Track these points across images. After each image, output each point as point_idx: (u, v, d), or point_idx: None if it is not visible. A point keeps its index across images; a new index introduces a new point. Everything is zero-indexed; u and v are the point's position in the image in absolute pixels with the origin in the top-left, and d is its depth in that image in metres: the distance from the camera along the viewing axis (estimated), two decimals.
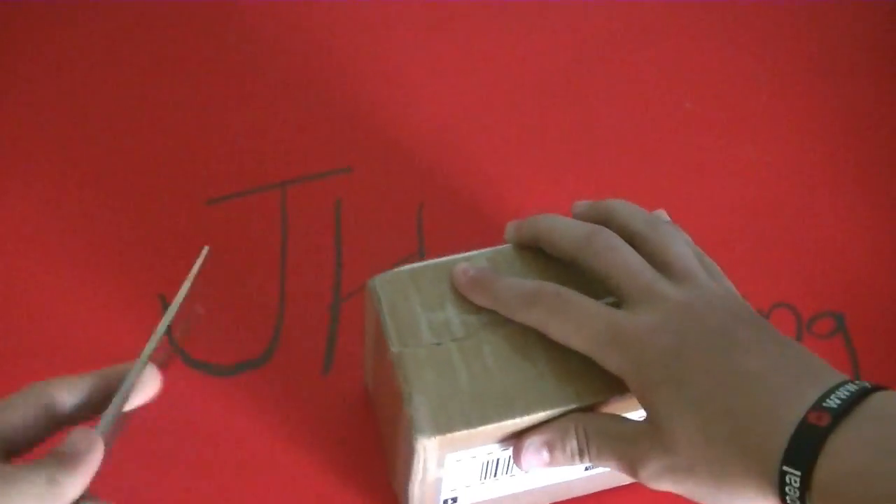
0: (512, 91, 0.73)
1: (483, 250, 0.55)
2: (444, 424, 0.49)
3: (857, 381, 0.45)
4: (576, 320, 0.49)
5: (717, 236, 0.68)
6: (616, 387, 0.50)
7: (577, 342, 0.50)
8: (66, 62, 0.72)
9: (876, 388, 0.45)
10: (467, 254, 0.55)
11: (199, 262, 0.48)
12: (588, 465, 0.51)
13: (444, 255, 0.55)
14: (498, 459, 0.52)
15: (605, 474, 0.56)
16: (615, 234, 0.52)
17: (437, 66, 0.73)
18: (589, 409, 0.50)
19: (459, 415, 0.49)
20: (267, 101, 0.71)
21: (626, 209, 0.54)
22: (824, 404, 0.44)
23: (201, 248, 0.49)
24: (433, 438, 0.49)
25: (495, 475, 0.52)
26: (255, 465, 0.59)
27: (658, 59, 0.75)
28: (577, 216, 0.55)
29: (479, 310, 0.52)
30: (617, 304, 0.51)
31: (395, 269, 0.54)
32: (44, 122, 0.70)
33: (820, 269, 0.68)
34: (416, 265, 0.54)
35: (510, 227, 0.55)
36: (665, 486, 0.48)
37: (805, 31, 0.77)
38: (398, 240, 0.66)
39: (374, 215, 0.67)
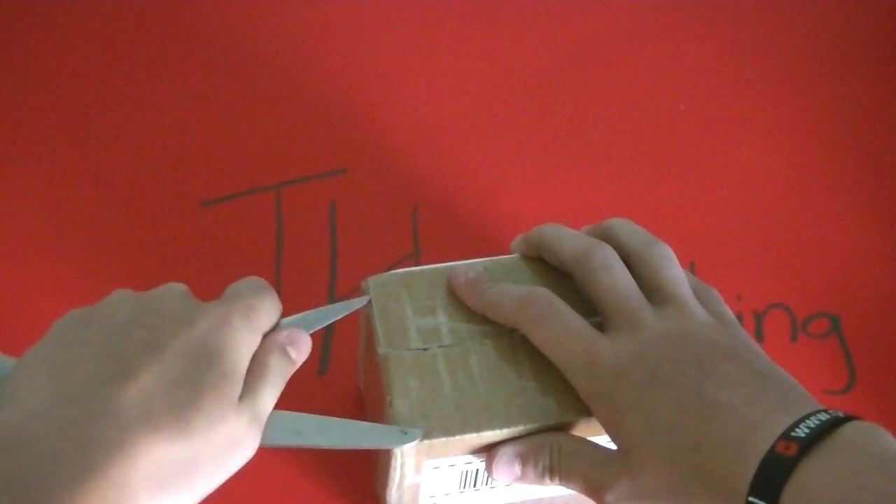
0: (506, 92, 0.73)
1: (482, 259, 0.55)
2: (423, 431, 0.49)
3: (830, 411, 0.44)
4: (558, 335, 0.50)
5: (712, 237, 0.68)
6: None
7: (554, 356, 0.50)
8: (63, 63, 0.72)
9: (849, 418, 0.44)
10: (465, 262, 0.54)
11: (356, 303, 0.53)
12: (555, 484, 0.51)
13: (439, 257, 0.55)
14: (477, 470, 0.51)
15: None
16: (614, 253, 0.52)
17: (432, 68, 0.73)
18: (568, 426, 0.50)
19: (438, 422, 0.49)
20: (262, 103, 0.71)
21: (625, 228, 0.54)
22: (793, 434, 0.43)
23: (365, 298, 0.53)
24: (410, 444, 0.49)
25: (475, 485, 0.52)
26: (245, 466, 0.59)
27: (653, 61, 0.75)
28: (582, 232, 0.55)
29: (469, 319, 0.52)
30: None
31: (390, 272, 0.54)
32: (38, 123, 0.70)
33: (815, 269, 0.67)
34: (411, 269, 0.54)
35: (517, 238, 0.56)
36: None
37: (801, 31, 0.77)
38: (393, 242, 0.66)
39: (369, 217, 0.67)
